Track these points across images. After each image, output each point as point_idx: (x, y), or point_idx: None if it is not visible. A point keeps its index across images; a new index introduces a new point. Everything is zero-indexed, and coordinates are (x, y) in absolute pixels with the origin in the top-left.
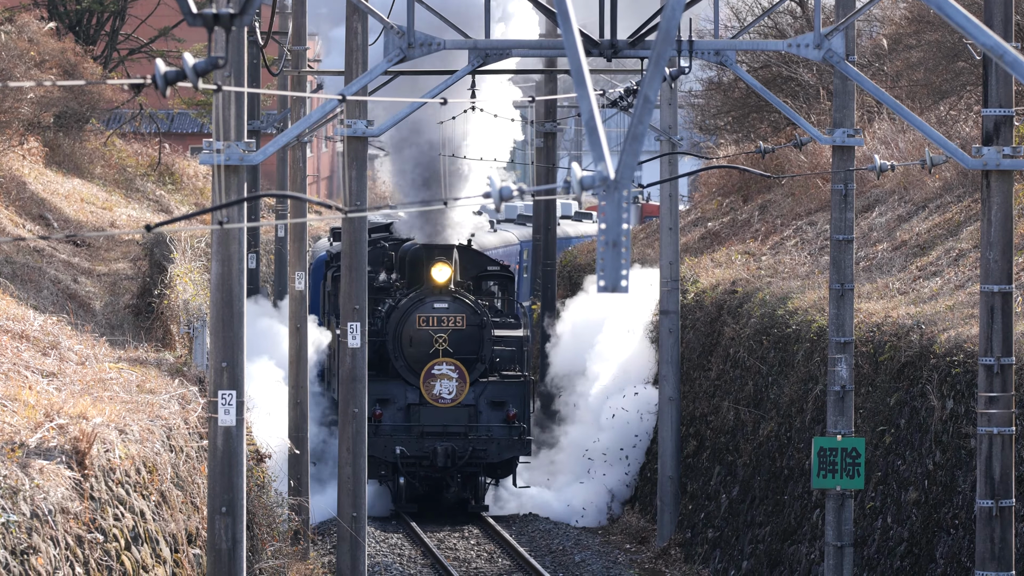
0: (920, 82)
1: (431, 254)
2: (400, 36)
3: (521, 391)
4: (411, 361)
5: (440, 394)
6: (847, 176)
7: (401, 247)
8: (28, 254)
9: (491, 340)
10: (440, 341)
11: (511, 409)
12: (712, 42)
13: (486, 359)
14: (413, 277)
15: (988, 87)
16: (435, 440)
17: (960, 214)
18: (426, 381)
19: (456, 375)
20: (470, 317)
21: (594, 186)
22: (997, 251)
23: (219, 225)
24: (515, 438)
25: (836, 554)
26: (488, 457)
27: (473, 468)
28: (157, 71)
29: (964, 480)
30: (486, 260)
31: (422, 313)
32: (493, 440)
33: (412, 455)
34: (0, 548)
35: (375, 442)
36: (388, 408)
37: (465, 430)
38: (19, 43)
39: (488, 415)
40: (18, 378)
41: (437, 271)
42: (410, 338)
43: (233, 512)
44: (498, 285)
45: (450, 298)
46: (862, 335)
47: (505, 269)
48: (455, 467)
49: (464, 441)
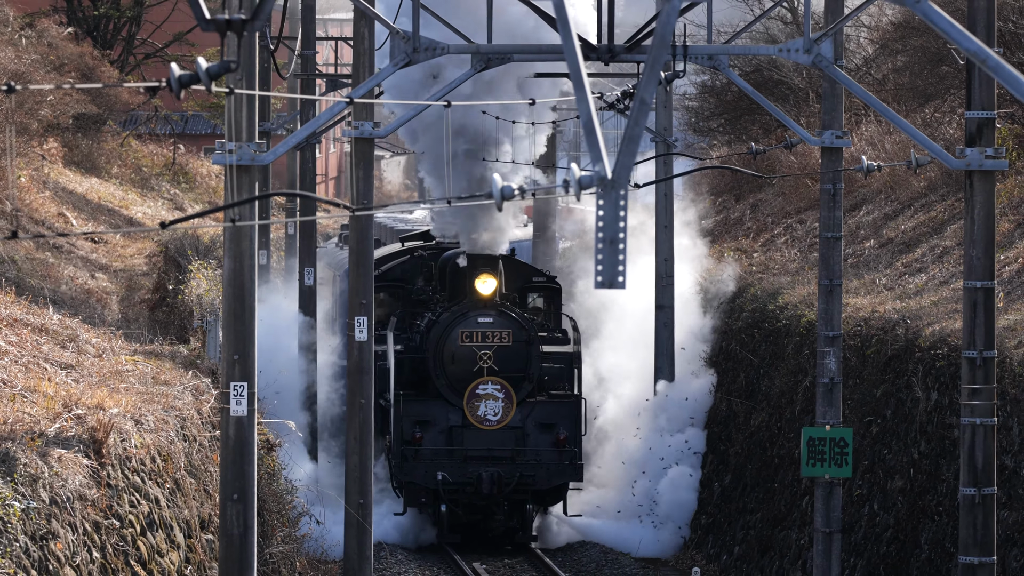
0: (906, 86)
1: (474, 265)
2: (406, 41)
3: (572, 412)
4: (453, 380)
5: (485, 415)
6: (835, 176)
7: (441, 257)
8: (48, 250)
9: (539, 357)
10: (484, 358)
11: (561, 432)
12: (706, 47)
13: (534, 377)
14: (455, 289)
15: (971, 90)
16: (480, 465)
17: (944, 213)
18: (470, 401)
19: (502, 395)
20: (516, 332)
21: (592, 185)
22: (980, 248)
23: (231, 223)
24: (566, 463)
25: (825, 540)
26: (536, 484)
27: (520, 495)
28: (172, 74)
29: (948, 469)
30: (531, 271)
31: (465, 328)
32: (542, 465)
33: (455, 481)
34: (21, 533)
35: (415, 467)
36: (429, 431)
37: (512, 454)
38: (39, 47)
39: (536, 438)
40: (38, 370)
41: (481, 283)
42: (452, 355)
43: (244, 499)
44: (543, 297)
45: (495, 312)
46: (850, 329)
47: (552, 280)
48: (501, 494)
49: (511, 466)
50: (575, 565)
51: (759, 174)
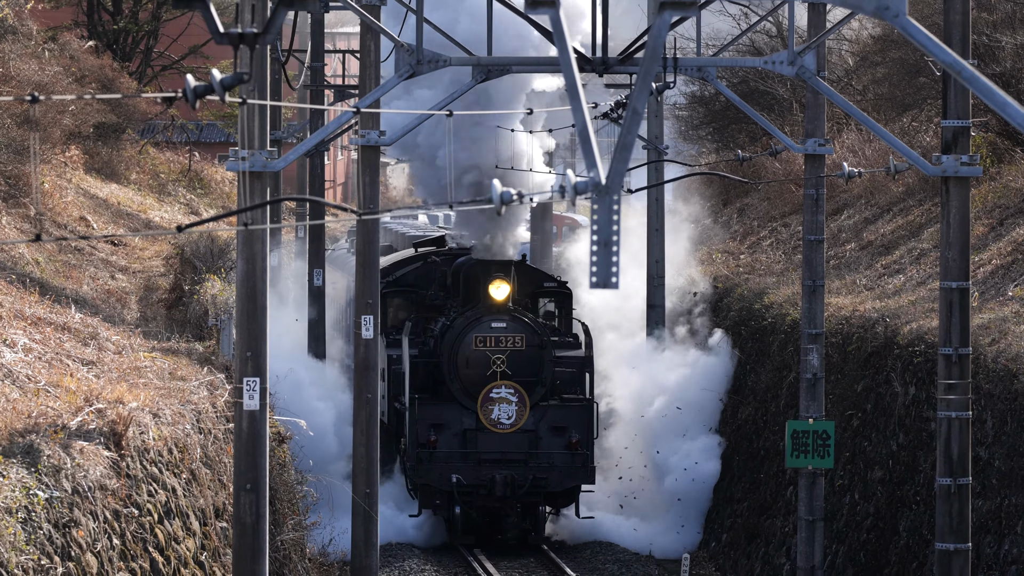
0: (885, 96)
1: (488, 270)
2: (410, 54)
3: (584, 415)
4: (467, 384)
5: (499, 419)
6: (818, 182)
7: (455, 263)
8: (70, 252)
9: (552, 361)
10: (498, 363)
11: (573, 435)
12: (695, 59)
13: (547, 382)
14: (468, 294)
15: (947, 100)
16: (493, 468)
17: (921, 217)
18: (484, 405)
19: (515, 399)
20: (529, 337)
21: (588, 191)
22: (955, 251)
23: (244, 226)
24: (578, 466)
25: (808, 527)
26: (549, 486)
27: (533, 497)
28: (188, 86)
29: (925, 460)
30: (543, 276)
31: (479, 333)
32: (555, 468)
33: (469, 483)
34: (44, 521)
35: (430, 469)
36: (443, 434)
37: (525, 457)
38: (62, 60)
39: (549, 441)
40: (61, 366)
41: (495, 289)
42: (466, 359)
43: (257, 489)
44: (555, 302)
45: (508, 317)
46: (832, 327)
47: (563, 286)
48: (515, 496)
49: (524, 469)
50: (587, 565)
51: (746, 180)
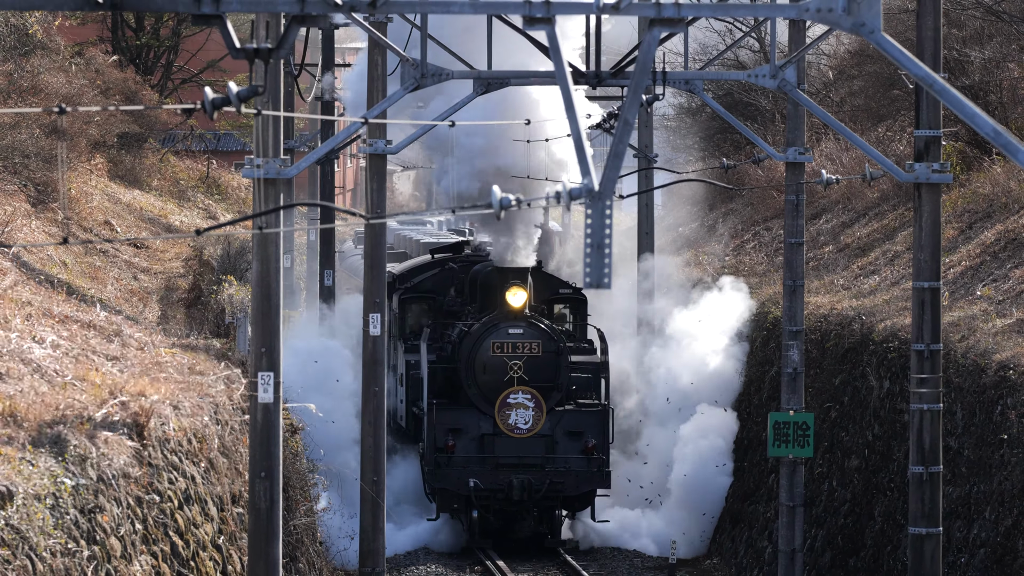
0: (861, 107)
1: (505, 277)
2: (415, 67)
3: (600, 420)
4: (485, 389)
5: (516, 424)
6: (798, 188)
7: (472, 269)
8: (95, 255)
9: (568, 367)
10: (515, 368)
11: (589, 440)
12: (682, 73)
13: (563, 387)
14: (485, 301)
15: (920, 111)
16: (510, 472)
17: (895, 221)
18: (501, 410)
19: (532, 404)
20: (546, 343)
21: (581, 196)
22: (927, 253)
23: (259, 230)
24: (594, 470)
25: (789, 513)
26: (566, 490)
27: (550, 501)
28: (206, 98)
29: (899, 449)
30: (558, 282)
31: (496, 339)
32: (571, 472)
33: (486, 488)
34: (71, 507)
35: (447, 474)
36: (461, 439)
37: (542, 462)
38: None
39: (565, 446)
40: (86, 361)
41: (512, 295)
42: (484, 365)
43: (271, 477)
44: (570, 308)
45: (525, 323)
46: (811, 324)
47: (578, 292)
48: (531, 500)
49: (541, 473)
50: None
51: (730, 186)
